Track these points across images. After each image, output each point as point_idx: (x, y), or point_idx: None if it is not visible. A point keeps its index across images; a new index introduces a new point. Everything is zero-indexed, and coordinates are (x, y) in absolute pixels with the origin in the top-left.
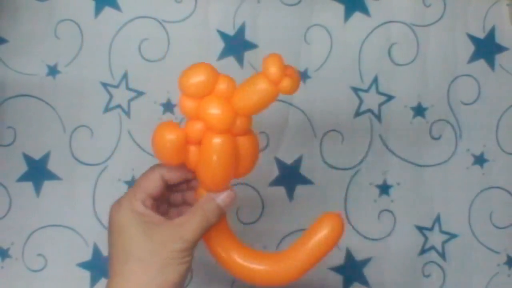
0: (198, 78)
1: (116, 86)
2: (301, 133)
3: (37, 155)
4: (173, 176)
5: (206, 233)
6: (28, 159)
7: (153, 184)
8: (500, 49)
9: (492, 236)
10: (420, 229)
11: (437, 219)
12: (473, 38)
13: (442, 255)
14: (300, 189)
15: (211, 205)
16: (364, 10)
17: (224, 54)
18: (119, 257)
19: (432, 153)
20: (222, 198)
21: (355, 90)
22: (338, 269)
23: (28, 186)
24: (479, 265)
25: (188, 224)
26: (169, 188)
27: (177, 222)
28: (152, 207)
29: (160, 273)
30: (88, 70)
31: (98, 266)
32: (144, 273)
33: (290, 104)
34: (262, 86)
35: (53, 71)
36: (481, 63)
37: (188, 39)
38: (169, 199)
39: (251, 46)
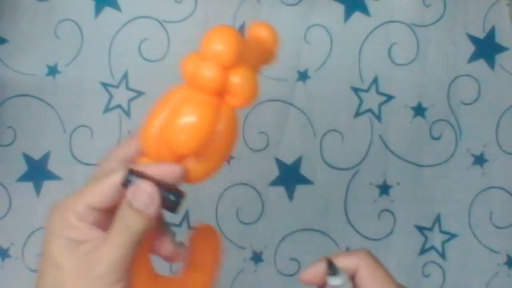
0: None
1: (116, 86)
2: (301, 133)
3: (37, 155)
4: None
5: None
6: (28, 159)
7: (100, 194)
8: (500, 49)
9: (492, 236)
10: (420, 229)
11: (437, 219)
12: (473, 38)
13: (442, 255)
14: (300, 189)
15: (128, 212)
16: (364, 10)
17: None
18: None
19: (432, 153)
20: (140, 200)
21: (355, 90)
22: None
23: (28, 186)
24: (479, 265)
25: (107, 240)
26: None
27: (99, 237)
28: (98, 221)
29: None
30: (88, 70)
31: None
32: None
33: (290, 104)
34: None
35: (53, 71)
36: (481, 63)
37: (188, 39)
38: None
39: None
